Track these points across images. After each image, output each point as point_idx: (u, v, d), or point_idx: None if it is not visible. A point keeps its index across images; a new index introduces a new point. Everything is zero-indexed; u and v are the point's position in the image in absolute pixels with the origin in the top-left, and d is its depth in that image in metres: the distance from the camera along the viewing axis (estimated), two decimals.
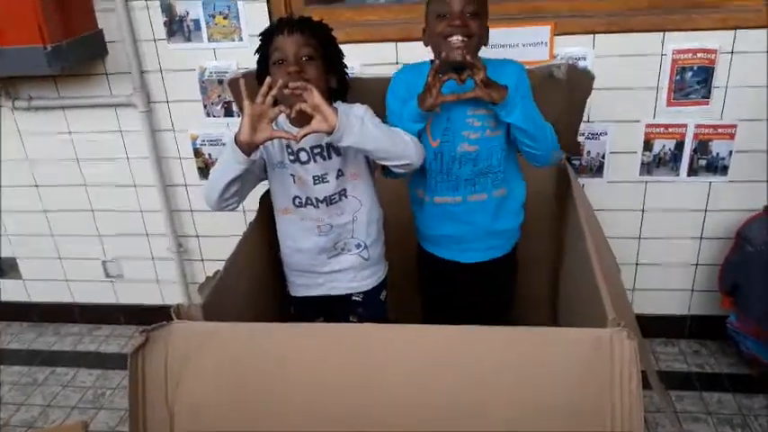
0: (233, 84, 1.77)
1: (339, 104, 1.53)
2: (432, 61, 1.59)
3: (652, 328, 2.33)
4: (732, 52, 2.02)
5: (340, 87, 1.60)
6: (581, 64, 2.02)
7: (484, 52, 1.61)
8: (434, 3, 1.54)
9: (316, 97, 1.37)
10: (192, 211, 2.53)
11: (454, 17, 1.49)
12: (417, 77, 1.55)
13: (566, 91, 1.71)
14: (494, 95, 1.46)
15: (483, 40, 1.56)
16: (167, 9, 2.20)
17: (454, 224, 1.67)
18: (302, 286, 1.71)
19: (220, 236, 2.46)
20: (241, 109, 1.47)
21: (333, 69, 1.57)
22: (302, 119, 1.41)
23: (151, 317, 1.20)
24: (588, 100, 1.79)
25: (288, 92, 1.39)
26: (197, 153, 2.41)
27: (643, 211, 2.26)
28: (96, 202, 2.57)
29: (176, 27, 2.22)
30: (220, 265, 1.43)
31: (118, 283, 2.72)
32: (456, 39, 1.48)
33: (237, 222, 1.88)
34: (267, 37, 1.54)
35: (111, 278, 2.71)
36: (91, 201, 2.57)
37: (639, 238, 2.30)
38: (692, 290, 2.36)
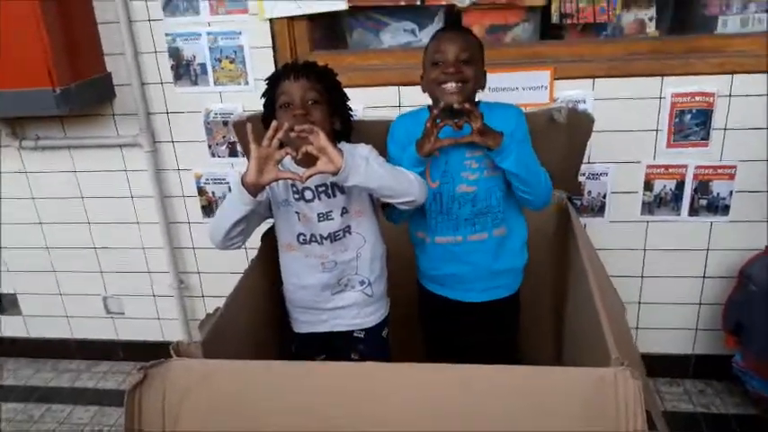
0: (238, 126, 1.80)
1: (344, 145, 1.56)
2: (429, 107, 1.62)
3: (656, 367, 2.30)
4: (730, 95, 2.05)
5: (344, 129, 1.64)
6: (581, 107, 2.05)
7: (483, 95, 1.65)
8: (430, 51, 1.59)
9: (321, 139, 1.39)
10: (194, 248, 2.54)
11: (448, 64, 1.53)
12: (415, 124, 1.59)
13: (566, 133, 1.74)
14: (489, 142, 1.48)
15: (479, 84, 1.59)
16: (175, 53, 2.25)
17: (456, 264, 1.67)
18: (306, 323, 1.71)
19: (222, 272, 2.47)
20: (246, 151, 1.50)
21: (337, 112, 1.60)
22: (308, 160, 1.43)
23: (151, 353, 1.19)
24: (589, 141, 1.81)
25: (294, 135, 1.42)
26: (201, 191, 2.43)
27: (645, 250, 2.26)
28: (99, 240, 2.59)
29: (183, 71, 2.27)
30: (222, 302, 1.43)
31: (118, 320, 2.72)
32: (451, 85, 1.52)
33: (239, 259, 1.89)
34: (274, 81, 1.57)
35: (111, 314, 2.71)
36: (94, 238, 2.58)
37: (642, 276, 2.30)
38: (696, 329, 2.34)
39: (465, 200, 1.61)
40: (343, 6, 2.10)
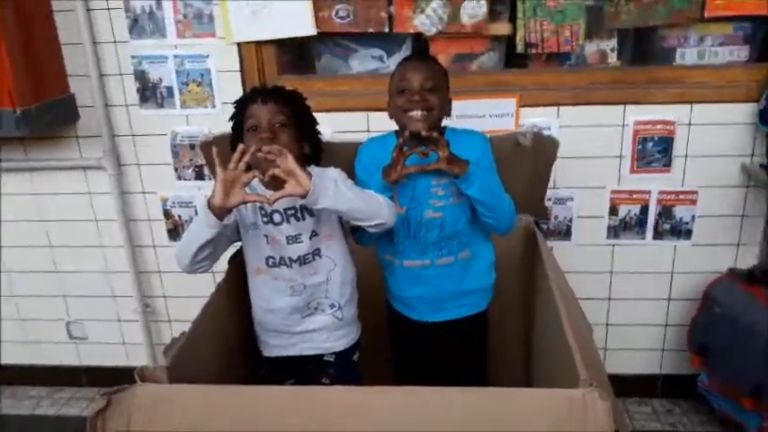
0: (205, 147, 1.78)
1: (313, 168, 1.56)
2: (396, 132, 1.64)
3: (625, 387, 2.33)
4: (689, 124, 2.11)
5: (314, 153, 1.63)
6: (546, 133, 2.08)
7: (450, 121, 1.67)
8: (396, 78, 1.60)
9: (290, 162, 1.38)
10: (160, 272, 2.50)
11: (413, 92, 1.55)
12: (382, 149, 1.61)
13: (532, 158, 1.77)
14: (455, 170, 1.50)
15: (444, 111, 1.61)
16: (141, 76, 2.23)
17: (423, 287, 1.68)
18: (275, 346, 1.68)
19: (188, 297, 2.42)
20: (213, 172, 1.48)
21: (306, 136, 1.60)
22: (276, 182, 1.43)
23: (115, 379, 1.16)
24: (554, 167, 1.84)
25: (261, 155, 1.41)
26: (167, 215, 2.40)
27: (611, 272, 2.30)
28: (62, 264, 2.53)
29: (149, 93, 2.25)
30: (188, 327, 1.40)
31: (81, 345, 2.65)
32: (416, 113, 1.54)
33: (206, 283, 1.85)
34: (242, 104, 1.57)
35: (74, 339, 2.64)
36: (56, 262, 2.52)
37: (609, 299, 2.34)
38: (663, 349, 2.38)
39: (433, 225, 1.63)
40: (312, 32, 2.12)
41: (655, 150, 2.15)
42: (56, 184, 2.41)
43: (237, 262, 1.70)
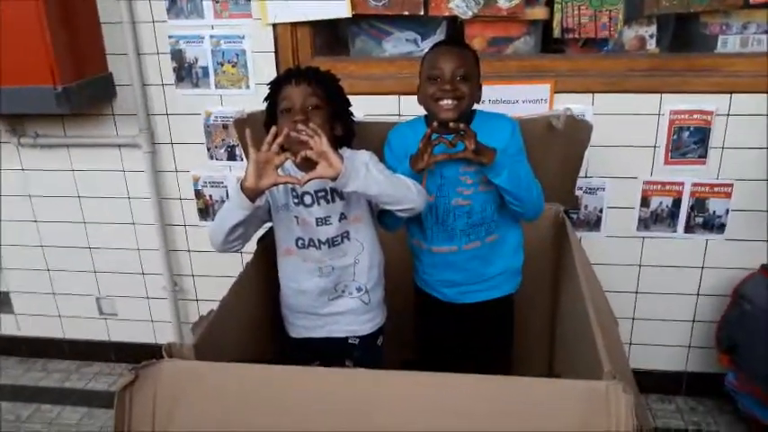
0: (238, 124, 1.80)
1: (345, 151, 1.56)
2: (426, 117, 1.62)
3: (648, 383, 2.31)
4: (728, 115, 2.06)
5: (346, 135, 1.64)
6: None
7: (482, 106, 1.65)
8: (426, 66, 1.59)
9: (323, 144, 1.39)
10: (189, 251, 2.53)
11: (444, 81, 1.53)
12: (411, 135, 1.60)
13: (564, 141, 1.75)
14: (483, 159, 1.49)
15: (474, 99, 1.60)
16: (177, 56, 2.25)
17: (452, 271, 1.68)
18: (302, 328, 1.71)
19: (217, 276, 2.46)
20: (245, 150, 1.50)
21: (339, 118, 1.60)
22: (308, 164, 1.44)
23: (143, 355, 1.18)
24: (586, 155, 1.82)
25: (295, 136, 1.43)
26: (198, 194, 2.43)
27: (640, 265, 2.27)
28: (94, 240, 2.58)
29: (185, 73, 2.27)
30: (216, 306, 1.43)
31: (111, 321, 2.71)
32: (446, 102, 1.53)
33: (234, 263, 1.88)
34: (275, 86, 1.58)
35: (104, 315, 2.70)
36: (89, 238, 2.58)
37: (636, 292, 2.30)
38: (689, 346, 2.34)
39: (460, 212, 1.62)
40: (347, 14, 2.11)
41: (690, 141, 2.10)
42: (92, 161, 2.45)
43: (266, 243, 1.73)
